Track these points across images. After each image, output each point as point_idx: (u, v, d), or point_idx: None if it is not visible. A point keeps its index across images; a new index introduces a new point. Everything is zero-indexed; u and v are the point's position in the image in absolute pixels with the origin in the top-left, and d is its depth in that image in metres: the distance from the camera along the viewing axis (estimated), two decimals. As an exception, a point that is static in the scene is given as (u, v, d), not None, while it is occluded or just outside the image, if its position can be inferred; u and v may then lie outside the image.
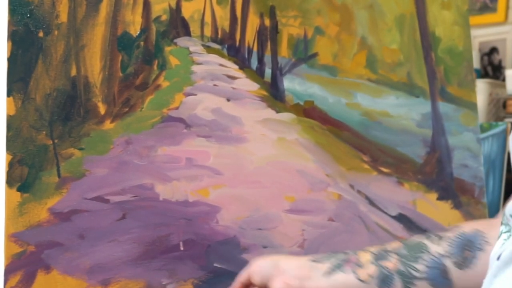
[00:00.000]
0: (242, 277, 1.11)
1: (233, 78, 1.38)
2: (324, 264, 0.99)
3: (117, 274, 1.23)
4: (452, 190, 1.59)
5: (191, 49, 1.34)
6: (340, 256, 0.99)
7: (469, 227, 0.85)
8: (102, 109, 1.25)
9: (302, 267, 1.00)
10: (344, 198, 1.47)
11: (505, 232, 0.68)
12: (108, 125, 1.25)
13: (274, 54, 1.42)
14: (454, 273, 0.82)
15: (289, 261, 1.05)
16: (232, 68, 1.38)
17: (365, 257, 0.92)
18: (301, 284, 0.96)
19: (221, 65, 1.37)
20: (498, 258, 0.66)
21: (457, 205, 1.60)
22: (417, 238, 0.87)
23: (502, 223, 0.70)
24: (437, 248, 0.83)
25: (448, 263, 0.82)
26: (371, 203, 1.50)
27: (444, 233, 0.85)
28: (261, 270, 1.09)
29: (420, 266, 0.84)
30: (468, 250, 0.82)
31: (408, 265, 0.84)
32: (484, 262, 0.79)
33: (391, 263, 0.87)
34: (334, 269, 0.96)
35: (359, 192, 1.50)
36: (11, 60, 1.18)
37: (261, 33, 1.41)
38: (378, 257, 0.90)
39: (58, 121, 1.21)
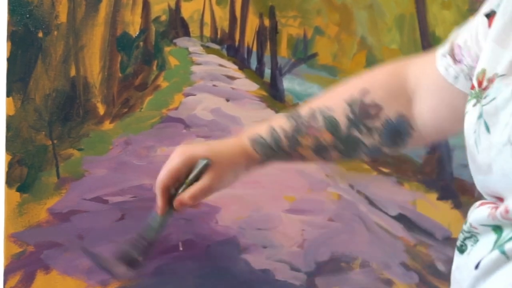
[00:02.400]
0: None
1: (232, 78, 1.38)
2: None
3: (117, 274, 1.23)
4: (452, 190, 1.59)
5: (191, 49, 1.35)
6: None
7: (392, 110, 0.90)
8: (101, 109, 1.25)
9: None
10: (344, 198, 1.47)
11: (468, 238, 0.68)
12: (107, 125, 1.25)
13: (274, 54, 1.42)
14: (387, 151, 0.93)
15: None
16: (231, 68, 1.38)
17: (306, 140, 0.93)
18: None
19: (220, 65, 1.37)
20: (476, 267, 0.65)
21: (457, 205, 1.60)
22: (348, 132, 0.89)
23: (463, 231, 0.70)
24: (371, 140, 0.90)
25: (383, 148, 0.91)
26: (371, 203, 1.50)
27: (371, 122, 0.90)
28: None
29: (359, 154, 0.92)
30: (398, 138, 0.90)
31: (347, 156, 0.92)
32: (411, 142, 0.90)
33: (334, 155, 0.93)
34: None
35: (359, 192, 1.50)
36: (11, 60, 1.18)
37: (260, 33, 1.41)
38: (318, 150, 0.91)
39: (58, 122, 1.21)
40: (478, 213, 0.69)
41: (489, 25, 0.78)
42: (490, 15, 0.79)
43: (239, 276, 1.36)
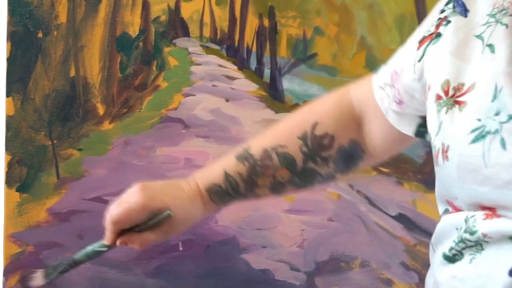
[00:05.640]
0: None
1: (232, 78, 1.38)
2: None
3: (116, 275, 1.23)
4: (452, 190, 1.59)
5: (190, 49, 1.35)
6: None
7: (345, 137, 0.94)
8: (101, 109, 1.25)
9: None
10: (343, 198, 1.47)
11: (469, 247, 0.73)
12: (107, 125, 1.25)
13: (273, 54, 1.42)
14: (340, 176, 0.97)
15: None
16: (231, 68, 1.38)
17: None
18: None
19: (220, 65, 1.37)
20: (510, 273, 0.67)
21: (457, 205, 1.60)
22: (305, 166, 0.91)
23: (464, 240, 0.73)
24: (326, 170, 0.94)
25: (337, 174, 0.96)
26: (371, 203, 1.50)
27: (325, 152, 0.93)
28: None
29: (314, 184, 0.96)
30: (352, 162, 0.95)
31: (302, 188, 0.95)
32: (362, 164, 0.95)
33: (290, 189, 0.96)
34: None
35: (358, 192, 1.50)
36: (10, 60, 1.18)
37: (260, 34, 1.41)
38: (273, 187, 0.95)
39: (57, 122, 1.21)
40: (500, 224, 0.69)
41: (418, 47, 0.81)
42: (420, 41, 0.81)
43: (239, 276, 1.36)
